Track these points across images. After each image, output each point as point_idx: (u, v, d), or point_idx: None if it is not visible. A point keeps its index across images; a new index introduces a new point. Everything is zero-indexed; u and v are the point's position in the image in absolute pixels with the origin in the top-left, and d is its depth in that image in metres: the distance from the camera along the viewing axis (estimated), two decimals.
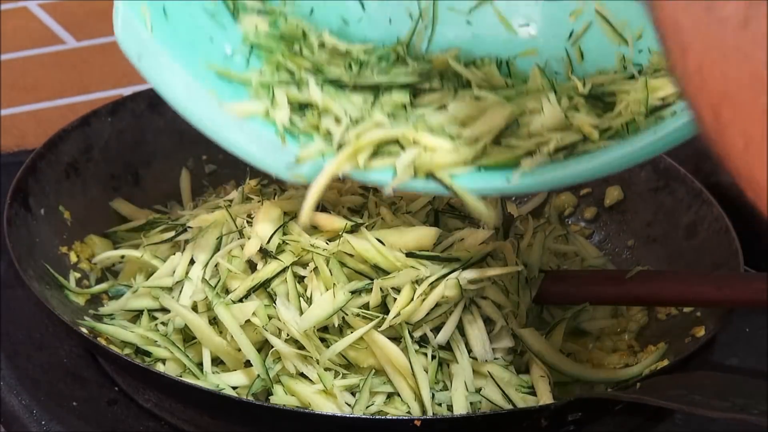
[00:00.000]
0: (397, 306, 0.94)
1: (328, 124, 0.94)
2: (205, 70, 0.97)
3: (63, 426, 0.98)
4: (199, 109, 0.94)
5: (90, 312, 1.05)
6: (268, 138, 0.95)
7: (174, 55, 0.95)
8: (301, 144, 0.94)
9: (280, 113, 0.96)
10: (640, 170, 1.19)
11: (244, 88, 0.99)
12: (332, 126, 0.94)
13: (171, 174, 1.23)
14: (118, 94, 1.44)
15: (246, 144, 0.94)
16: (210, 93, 0.95)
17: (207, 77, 0.97)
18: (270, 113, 0.96)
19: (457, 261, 0.97)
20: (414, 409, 0.95)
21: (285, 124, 0.95)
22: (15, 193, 1.08)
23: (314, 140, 0.94)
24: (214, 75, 0.98)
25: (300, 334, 0.95)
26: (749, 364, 1.07)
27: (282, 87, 0.98)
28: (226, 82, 0.98)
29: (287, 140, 0.94)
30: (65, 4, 1.66)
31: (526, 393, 0.97)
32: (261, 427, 0.95)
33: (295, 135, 0.95)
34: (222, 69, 0.98)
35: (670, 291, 1.02)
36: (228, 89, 0.98)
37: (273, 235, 0.99)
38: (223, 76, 0.98)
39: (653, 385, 0.92)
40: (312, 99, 0.97)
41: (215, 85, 0.97)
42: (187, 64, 0.96)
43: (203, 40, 1.00)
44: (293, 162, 0.92)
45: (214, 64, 0.98)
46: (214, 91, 0.96)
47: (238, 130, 0.95)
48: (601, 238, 1.21)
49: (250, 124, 0.95)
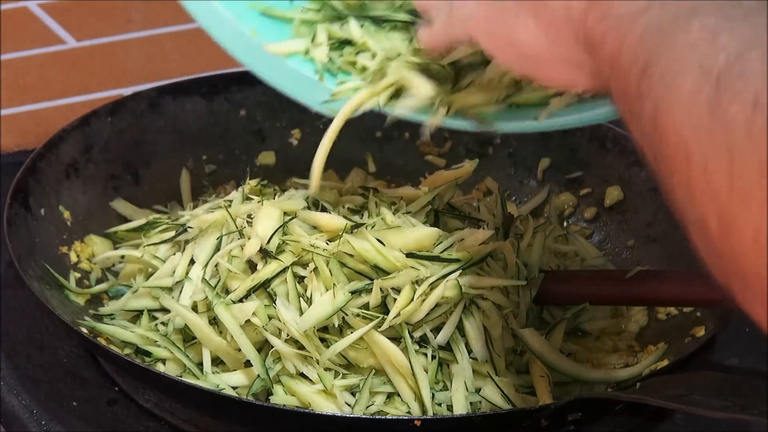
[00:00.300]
0: (397, 306, 0.94)
1: (364, 60, 0.98)
2: (249, 9, 1.01)
3: (63, 426, 0.98)
4: (241, 47, 0.99)
5: (90, 312, 1.05)
6: (307, 75, 0.99)
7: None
8: (338, 81, 0.97)
9: (319, 51, 0.99)
10: (640, 170, 1.19)
11: (287, 25, 1.02)
12: (368, 62, 0.97)
13: (171, 174, 1.23)
14: (118, 94, 1.44)
15: (285, 80, 0.98)
16: (252, 31, 0.99)
17: (250, 15, 1.01)
18: (310, 51, 0.99)
19: (457, 261, 0.97)
20: (414, 409, 0.95)
21: (323, 61, 0.99)
22: (15, 193, 1.08)
23: (351, 77, 0.97)
24: (257, 13, 1.02)
25: (300, 334, 0.95)
26: (749, 364, 1.07)
27: (324, 24, 1.01)
28: (270, 19, 1.02)
29: (326, 77, 0.98)
30: (65, 4, 1.66)
31: (526, 393, 0.97)
32: (261, 427, 0.95)
33: (334, 72, 0.99)
34: (265, 8, 1.02)
35: (670, 291, 1.02)
36: (271, 26, 1.02)
37: (273, 235, 0.99)
38: (267, 13, 1.02)
39: (653, 385, 0.92)
40: (352, 36, 1.00)
41: (258, 22, 1.01)
42: (230, 3, 1.00)
43: None
44: (329, 98, 0.96)
45: (257, 2, 1.02)
46: (256, 29, 1.00)
47: (279, 66, 0.99)
48: (601, 238, 1.21)
49: (291, 62, 0.99)
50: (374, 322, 0.94)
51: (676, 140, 0.57)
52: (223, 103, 1.08)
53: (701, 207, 0.56)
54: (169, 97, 1.24)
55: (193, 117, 1.25)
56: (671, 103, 0.58)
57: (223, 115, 1.25)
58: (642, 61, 0.61)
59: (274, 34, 1.02)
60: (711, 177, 0.55)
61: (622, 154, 1.20)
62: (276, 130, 1.26)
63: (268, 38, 1.00)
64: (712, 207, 0.55)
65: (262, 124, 1.08)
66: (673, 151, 0.57)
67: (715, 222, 0.55)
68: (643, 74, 0.60)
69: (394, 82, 0.94)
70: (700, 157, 0.55)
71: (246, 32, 1.00)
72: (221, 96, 1.08)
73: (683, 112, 0.57)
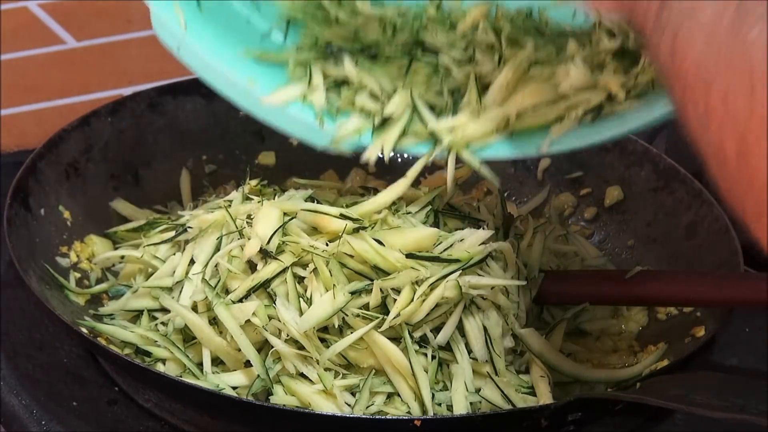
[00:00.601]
0: (397, 307, 0.94)
1: (363, 100, 0.99)
2: (243, 58, 1.02)
3: (63, 426, 0.98)
4: (240, 96, 1.01)
5: (90, 312, 1.05)
6: (308, 118, 1.00)
7: (210, 49, 1.01)
8: (339, 122, 0.99)
9: (317, 96, 1.00)
10: (640, 170, 1.19)
11: (283, 68, 1.03)
12: (367, 102, 0.99)
13: (171, 174, 1.23)
14: (118, 94, 1.44)
15: (288, 125, 1.00)
16: (249, 81, 1.01)
17: (245, 64, 1.02)
18: (307, 96, 1.01)
19: (457, 262, 0.97)
20: (414, 409, 0.95)
21: (322, 105, 1.00)
22: (15, 193, 1.08)
23: (351, 117, 0.99)
24: (251, 60, 1.03)
25: (300, 334, 0.95)
26: (749, 364, 1.07)
27: (318, 64, 1.02)
28: (265, 65, 1.03)
29: (326, 121, 1.00)
30: (65, 4, 1.66)
31: (526, 393, 0.97)
32: (261, 427, 0.95)
33: (333, 114, 1.00)
34: (259, 54, 1.03)
35: (670, 291, 1.02)
36: (267, 71, 1.03)
37: (273, 236, 0.99)
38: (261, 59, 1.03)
39: (653, 385, 0.92)
40: (347, 75, 1.00)
41: (254, 70, 1.02)
42: (223, 55, 1.02)
43: (240, 24, 1.05)
44: (334, 139, 0.98)
45: (251, 49, 1.03)
46: (252, 78, 1.01)
47: (279, 112, 1.01)
48: (601, 238, 1.21)
49: (291, 109, 1.01)
50: (374, 322, 0.94)
51: (695, 70, 0.57)
52: (223, 103, 1.08)
53: (720, 133, 0.56)
54: (169, 97, 1.24)
55: (193, 117, 1.25)
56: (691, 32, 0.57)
57: (223, 115, 1.25)
58: None
59: (271, 78, 1.02)
60: (731, 104, 0.55)
61: (622, 154, 1.20)
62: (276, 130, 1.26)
63: (264, 84, 1.01)
64: (731, 133, 0.55)
65: (262, 124, 1.07)
66: (692, 81, 0.57)
67: (734, 148, 0.55)
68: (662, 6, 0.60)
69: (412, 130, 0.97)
70: (720, 85, 0.55)
71: (242, 83, 1.01)
72: (221, 96, 1.07)
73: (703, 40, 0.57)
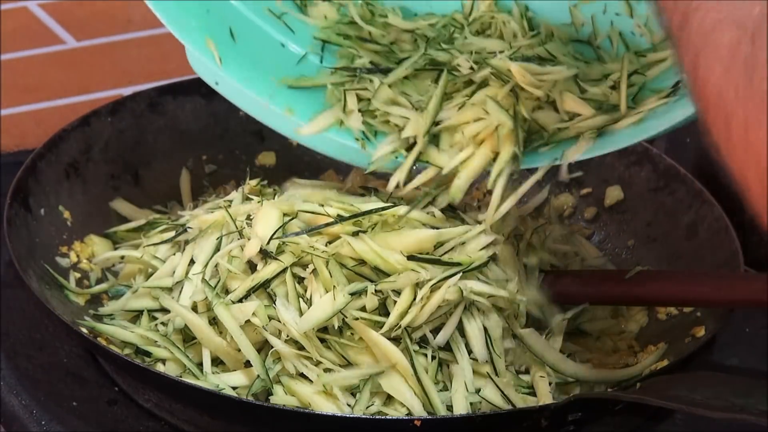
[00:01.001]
0: (396, 309, 0.94)
1: (397, 121, 1.03)
2: (279, 86, 1.07)
3: (63, 426, 0.98)
4: (282, 124, 1.07)
5: (90, 312, 1.05)
6: (349, 144, 1.05)
7: (247, 81, 1.06)
8: (378, 143, 1.04)
9: (354, 120, 1.05)
10: (640, 170, 1.19)
11: (320, 92, 1.07)
12: (401, 122, 1.03)
13: (171, 174, 1.23)
14: (118, 94, 1.44)
15: (332, 150, 1.06)
16: (287, 110, 1.06)
17: (281, 93, 1.07)
18: (344, 121, 1.05)
19: (458, 265, 0.97)
20: (414, 409, 0.95)
21: (360, 128, 1.04)
22: (15, 193, 1.08)
23: (388, 136, 1.04)
24: (286, 87, 1.08)
25: (300, 334, 0.95)
26: (749, 364, 1.07)
27: (351, 87, 1.06)
28: (301, 91, 1.08)
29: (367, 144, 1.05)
30: (65, 4, 1.66)
31: (526, 393, 0.97)
32: (261, 427, 0.95)
33: (372, 136, 1.05)
34: (294, 81, 1.08)
35: (670, 291, 1.02)
36: (303, 97, 1.07)
37: (273, 236, 0.99)
38: (296, 86, 1.08)
39: (653, 385, 0.92)
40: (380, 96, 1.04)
41: (290, 98, 1.07)
42: (260, 86, 1.07)
43: (274, 49, 1.09)
44: (373, 162, 1.03)
45: (286, 77, 1.08)
46: (290, 107, 1.06)
47: (322, 138, 1.06)
48: (601, 238, 1.21)
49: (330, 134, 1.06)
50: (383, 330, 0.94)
51: (716, 100, 0.57)
52: (223, 103, 1.08)
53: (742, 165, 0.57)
54: (169, 97, 1.24)
55: (193, 117, 1.25)
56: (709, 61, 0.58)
57: (223, 115, 1.25)
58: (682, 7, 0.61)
59: (308, 104, 1.07)
60: (752, 139, 0.55)
61: (622, 154, 1.20)
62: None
63: (302, 112, 1.06)
64: (753, 165, 0.56)
65: (262, 124, 1.07)
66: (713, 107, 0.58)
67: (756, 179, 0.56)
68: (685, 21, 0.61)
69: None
70: (740, 118, 0.56)
71: (280, 113, 1.06)
72: (221, 96, 1.07)
73: (721, 70, 0.57)
